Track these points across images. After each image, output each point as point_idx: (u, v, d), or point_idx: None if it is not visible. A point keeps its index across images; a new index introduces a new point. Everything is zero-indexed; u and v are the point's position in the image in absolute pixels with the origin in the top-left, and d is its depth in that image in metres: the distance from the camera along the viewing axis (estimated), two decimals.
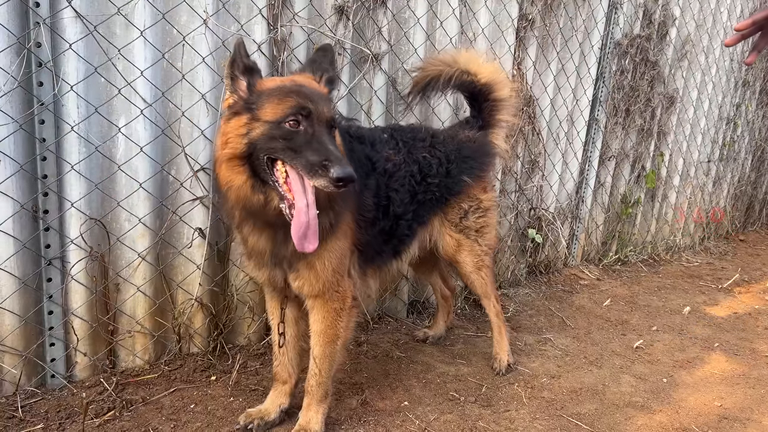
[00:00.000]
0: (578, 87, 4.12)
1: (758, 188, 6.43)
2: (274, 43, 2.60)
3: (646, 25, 4.40)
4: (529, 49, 3.69)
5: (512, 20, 3.50)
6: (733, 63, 5.39)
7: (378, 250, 2.39)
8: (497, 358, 2.90)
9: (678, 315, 3.86)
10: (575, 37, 3.93)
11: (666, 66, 4.67)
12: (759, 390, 2.90)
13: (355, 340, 3.07)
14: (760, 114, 5.99)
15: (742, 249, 5.83)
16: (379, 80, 3.01)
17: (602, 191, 4.54)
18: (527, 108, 3.78)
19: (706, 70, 5.08)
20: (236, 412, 2.35)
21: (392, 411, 2.48)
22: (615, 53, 4.24)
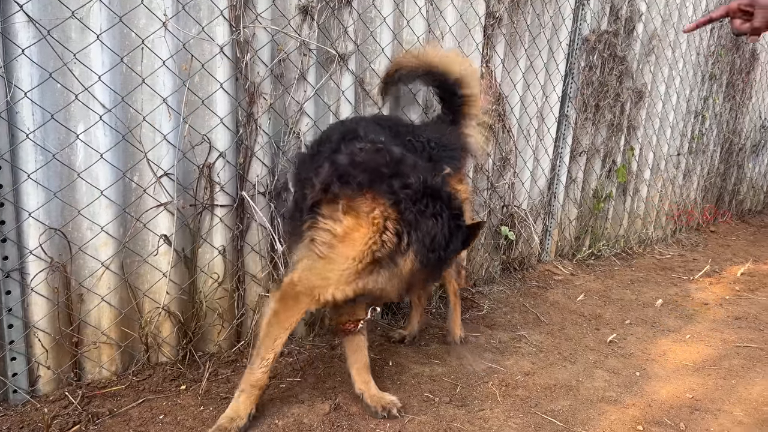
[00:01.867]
0: (547, 83, 4.14)
1: (727, 180, 6.53)
2: (237, 45, 2.56)
3: (613, 21, 4.43)
4: (497, 47, 3.69)
5: (479, 18, 3.50)
6: (699, 57, 5.46)
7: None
8: (452, 332, 3.13)
9: (651, 308, 3.89)
10: (543, 33, 3.94)
11: (634, 61, 4.71)
12: (730, 380, 2.94)
13: (328, 344, 3.05)
14: (727, 107, 6.08)
15: (713, 240, 5.91)
16: (347, 80, 2.98)
17: (574, 187, 4.57)
18: (497, 106, 3.78)
19: (673, 65, 5.13)
20: (207, 422, 2.31)
21: (366, 415, 2.45)
22: (583, 49, 4.27)
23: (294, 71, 2.78)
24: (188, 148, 2.53)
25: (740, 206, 6.97)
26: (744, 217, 6.97)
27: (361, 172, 2.06)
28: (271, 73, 2.69)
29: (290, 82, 2.78)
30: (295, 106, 2.82)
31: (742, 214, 6.96)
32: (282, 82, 2.75)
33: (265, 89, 2.69)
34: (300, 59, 2.78)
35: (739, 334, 3.52)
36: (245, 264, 2.82)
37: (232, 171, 2.67)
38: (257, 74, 2.64)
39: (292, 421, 2.37)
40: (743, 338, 3.46)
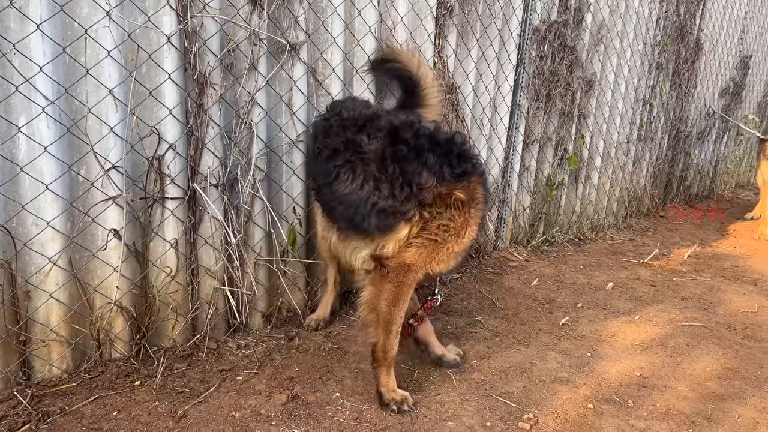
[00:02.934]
0: (499, 73, 4.20)
1: (675, 166, 6.74)
2: (185, 35, 2.52)
3: (562, 11, 4.52)
4: (449, 37, 3.73)
5: (431, 8, 3.52)
6: (646, 47, 5.61)
7: None
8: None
9: (602, 291, 4.01)
10: (494, 24, 4.00)
11: (583, 51, 4.81)
12: (675, 358, 3.05)
13: (286, 335, 3.04)
14: (674, 95, 6.27)
15: (662, 225, 6.11)
16: (299, 70, 2.97)
17: (527, 175, 4.65)
18: (450, 95, 3.82)
19: (621, 54, 5.26)
20: (162, 417, 2.30)
21: (324, 404, 2.47)
22: (534, 39, 4.34)
23: (244, 61, 2.75)
24: (137, 140, 2.48)
25: (688, 191, 7.21)
26: (691, 201, 7.21)
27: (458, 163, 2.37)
28: (220, 64, 2.66)
29: (241, 73, 2.75)
30: (247, 97, 2.79)
31: (689, 199, 7.20)
32: (232, 72, 2.72)
33: (215, 79, 2.65)
34: (250, 49, 2.75)
35: (685, 314, 3.66)
36: (199, 257, 2.79)
37: (183, 163, 2.63)
38: (207, 64, 2.61)
39: (249, 413, 2.37)
40: (689, 317, 3.60)
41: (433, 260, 2.39)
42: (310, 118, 3.07)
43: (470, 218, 2.39)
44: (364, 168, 2.35)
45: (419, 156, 2.33)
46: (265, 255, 3.02)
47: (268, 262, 3.03)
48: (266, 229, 2.98)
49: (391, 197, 2.31)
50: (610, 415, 2.49)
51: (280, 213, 3.04)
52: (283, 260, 3.06)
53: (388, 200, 2.31)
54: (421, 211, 2.33)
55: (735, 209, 7.09)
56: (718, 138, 7.65)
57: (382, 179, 2.32)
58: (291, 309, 3.17)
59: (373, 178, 2.33)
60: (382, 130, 2.42)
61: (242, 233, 2.87)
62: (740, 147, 8.35)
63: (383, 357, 2.45)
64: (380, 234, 2.36)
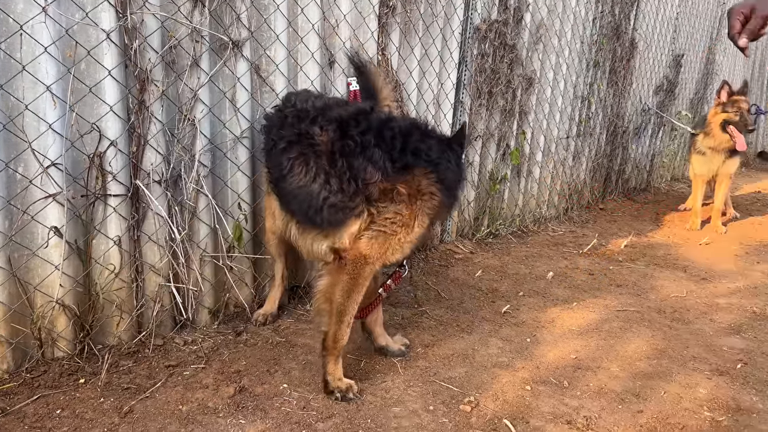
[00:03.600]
0: (442, 71, 4.31)
1: (613, 160, 7.02)
2: (124, 32, 2.51)
3: (502, 11, 4.66)
4: (392, 35, 3.81)
5: (373, 7, 3.59)
6: (583, 45, 5.83)
7: None
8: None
9: (542, 280, 4.17)
10: (436, 22, 4.10)
11: (523, 49, 4.98)
12: (609, 341, 3.22)
13: (233, 330, 3.07)
14: (611, 92, 6.53)
15: (602, 217, 6.36)
16: (242, 67, 2.99)
17: (471, 170, 4.78)
18: (394, 92, 3.90)
19: (560, 53, 5.46)
20: (108, 413, 2.30)
21: (271, 395, 2.52)
22: (475, 38, 4.47)
23: (186, 58, 2.76)
24: (77, 137, 2.47)
25: (626, 185, 7.51)
26: (629, 194, 7.51)
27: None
28: (162, 60, 2.67)
29: (183, 69, 2.76)
30: (189, 93, 2.80)
31: (627, 192, 7.50)
32: (174, 68, 2.73)
33: (157, 76, 2.66)
34: (192, 46, 2.77)
35: (619, 300, 3.85)
36: (143, 254, 2.79)
37: (125, 160, 2.62)
38: (148, 61, 2.61)
39: (196, 406, 2.39)
40: (623, 303, 3.79)
41: (387, 251, 2.47)
42: (254, 114, 3.11)
43: (417, 210, 2.45)
44: (316, 161, 2.42)
45: (365, 151, 2.39)
46: (211, 251, 3.04)
47: (214, 258, 3.05)
48: (211, 226, 3.00)
49: (340, 192, 2.38)
50: (546, 395, 2.62)
51: (226, 209, 3.06)
52: (229, 256, 3.08)
53: (337, 195, 2.39)
54: (369, 207, 2.40)
55: (670, 201, 7.43)
56: (654, 133, 7.99)
57: (332, 174, 2.39)
58: (238, 304, 3.20)
59: (324, 171, 2.40)
60: (332, 122, 2.47)
61: (187, 229, 2.89)
62: (675, 142, 8.73)
63: (333, 346, 2.51)
64: (333, 228, 2.44)
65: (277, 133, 2.60)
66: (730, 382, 2.82)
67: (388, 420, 2.38)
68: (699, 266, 4.73)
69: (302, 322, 3.25)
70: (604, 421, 2.45)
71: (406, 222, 2.44)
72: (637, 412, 2.53)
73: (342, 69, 3.49)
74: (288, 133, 2.53)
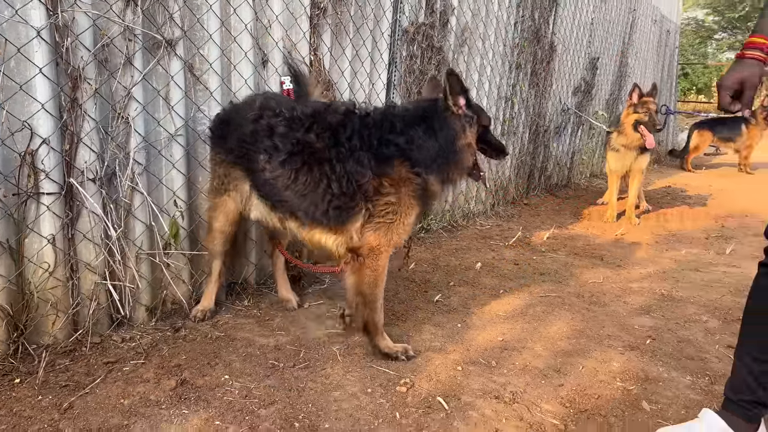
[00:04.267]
0: (373, 72, 4.45)
1: (536, 158, 7.38)
2: (56, 29, 2.51)
3: (429, 14, 4.86)
4: (324, 36, 3.91)
5: (305, 8, 3.69)
6: (506, 48, 6.12)
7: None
8: (287, 299, 3.51)
9: (472, 270, 4.38)
10: (366, 24, 4.23)
11: (449, 51, 5.19)
12: (533, 324, 3.44)
13: (171, 326, 3.09)
14: (533, 93, 6.87)
15: (526, 211, 6.68)
16: (176, 66, 3.03)
17: None
18: (327, 92, 4.01)
19: (484, 55, 5.72)
20: (47, 410, 2.30)
21: (213, 386, 2.57)
22: (404, 40, 4.64)
23: (119, 56, 2.77)
24: (7, 134, 2.45)
25: (548, 181, 7.90)
26: (552, 190, 7.91)
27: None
28: (95, 58, 2.67)
29: (116, 67, 2.77)
30: (123, 91, 2.82)
31: (550, 188, 7.89)
32: (107, 67, 2.74)
33: (90, 74, 2.66)
34: (125, 44, 2.78)
35: (542, 287, 4.10)
36: (78, 252, 2.78)
37: (58, 158, 2.61)
38: (80, 59, 2.61)
39: (138, 399, 2.42)
40: (545, 290, 4.05)
41: (392, 237, 2.79)
42: (188, 112, 3.14)
43: (406, 196, 2.73)
44: (318, 168, 2.71)
45: (353, 154, 2.68)
46: (147, 248, 3.05)
47: (150, 255, 3.07)
48: (147, 223, 3.01)
49: (342, 195, 2.70)
50: (476, 374, 2.80)
51: (161, 206, 3.08)
52: (166, 253, 3.11)
53: (340, 198, 2.71)
54: (366, 204, 2.71)
55: (589, 196, 7.87)
56: (574, 132, 8.45)
57: (333, 179, 2.70)
58: (176, 301, 3.22)
59: (327, 177, 2.70)
60: (326, 130, 2.74)
61: (123, 227, 2.89)
62: (593, 140, 9.24)
63: (375, 328, 2.89)
64: (339, 226, 2.76)
65: (271, 141, 2.76)
66: (640, 356, 3.09)
67: (329, 403, 2.49)
68: (614, 255, 5.08)
69: (241, 317, 3.31)
70: (528, 395, 2.64)
71: (399, 209, 2.73)
72: (558, 385, 2.74)
73: (275, 68, 3.56)
74: (284, 142, 2.74)
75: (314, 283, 3.94)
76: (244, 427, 2.29)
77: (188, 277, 3.29)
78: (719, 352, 3.16)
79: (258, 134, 2.79)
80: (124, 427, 2.25)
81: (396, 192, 2.70)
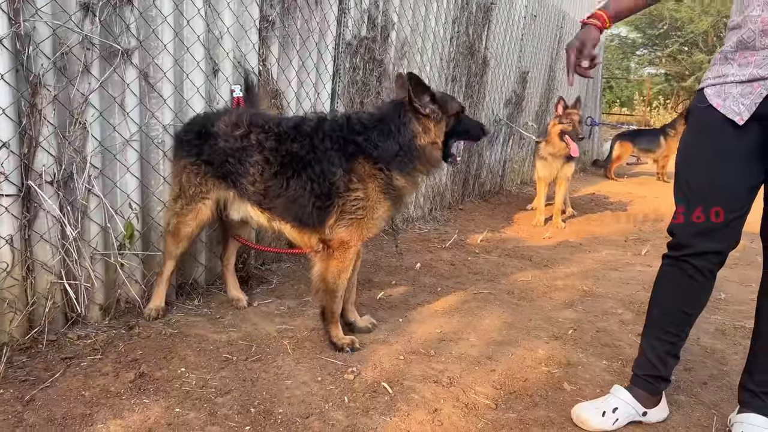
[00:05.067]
0: (318, 82, 4.66)
1: (470, 166, 7.75)
2: (17, 38, 2.61)
3: (371, 28, 5.12)
4: (272, 47, 4.11)
5: (254, 21, 3.87)
6: (443, 62, 6.46)
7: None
8: (236, 298, 3.69)
9: (412, 270, 4.65)
10: (312, 37, 4.45)
11: (390, 64, 5.47)
12: (468, 318, 3.74)
13: (125, 324, 3.21)
14: (467, 104, 7.25)
15: (462, 216, 7.04)
16: (131, 74, 3.15)
17: None
18: (275, 100, 4.20)
19: (422, 68, 6.03)
20: (9, 403, 2.39)
21: (170, 378, 2.72)
22: (347, 52, 4.88)
23: (78, 64, 2.89)
24: None
25: (482, 188, 8.30)
26: (485, 197, 8.32)
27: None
28: (54, 66, 2.78)
29: (74, 75, 2.88)
30: (80, 98, 2.93)
31: (483, 195, 8.29)
32: (66, 74, 2.85)
33: (49, 81, 2.77)
34: (83, 53, 2.90)
35: (476, 285, 4.42)
36: (34, 252, 2.86)
37: (17, 161, 2.70)
38: (40, 66, 2.72)
39: (98, 391, 2.55)
40: (479, 287, 4.36)
41: (362, 232, 3.01)
42: (143, 118, 3.27)
43: (373, 191, 2.95)
44: (303, 174, 2.95)
45: (326, 153, 2.93)
46: (102, 249, 3.16)
47: (104, 256, 3.17)
48: (103, 224, 3.13)
49: (321, 195, 2.94)
50: (416, 362, 3.05)
51: (116, 209, 3.20)
52: (120, 254, 3.22)
53: (320, 198, 2.94)
54: (338, 200, 2.93)
55: (520, 202, 8.32)
56: (506, 141, 8.90)
57: (314, 180, 2.92)
58: (129, 300, 3.33)
59: (310, 180, 2.93)
60: (305, 137, 2.98)
61: (79, 228, 3.00)
62: (523, 149, 9.75)
63: (331, 316, 3.15)
64: (320, 225, 2.99)
65: (261, 156, 3.02)
66: (562, 344, 3.43)
67: (281, 391, 2.69)
68: (542, 256, 5.48)
69: (192, 316, 3.45)
70: (464, 379, 2.92)
71: (367, 204, 2.95)
72: (491, 371, 3.03)
73: (226, 77, 3.73)
74: (275, 156, 3.00)
75: (262, 284, 4.11)
76: (203, 413, 2.46)
77: (141, 277, 3.40)
78: (631, 339, 3.55)
79: (248, 150, 3.04)
80: (88, 416, 2.37)
81: (364, 188, 2.92)
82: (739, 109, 2.20)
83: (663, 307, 2.53)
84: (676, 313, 2.48)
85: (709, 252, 2.35)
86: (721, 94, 2.27)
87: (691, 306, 2.47)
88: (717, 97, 2.28)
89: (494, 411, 2.65)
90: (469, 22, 6.85)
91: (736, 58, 2.24)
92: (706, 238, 2.33)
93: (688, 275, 2.40)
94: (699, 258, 2.36)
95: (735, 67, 2.24)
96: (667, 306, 2.51)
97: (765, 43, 2.13)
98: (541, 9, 9.24)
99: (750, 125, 2.20)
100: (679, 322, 2.49)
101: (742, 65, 2.21)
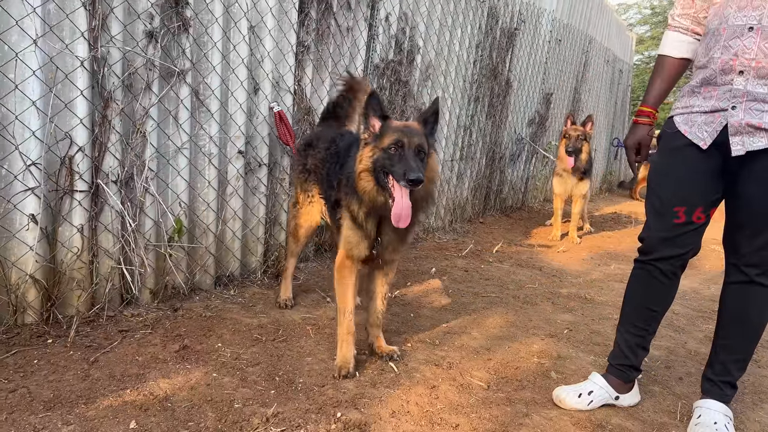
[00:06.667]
0: None
1: (492, 182, 8.15)
2: (95, 60, 3.15)
3: (397, 52, 5.60)
4: (307, 69, 4.60)
5: (292, 46, 4.38)
6: (465, 83, 6.90)
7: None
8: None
9: (427, 274, 5.07)
10: (343, 60, 4.94)
11: (415, 85, 5.93)
12: (473, 316, 4.13)
13: (171, 307, 3.69)
14: (489, 123, 7.66)
15: (481, 229, 7.42)
16: (184, 91, 3.67)
17: None
18: (307, 117, 4.70)
19: (445, 89, 6.48)
20: (78, 362, 2.88)
21: (209, 351, 3.18)
22: (375, 74, 5.36)
23: (141, 82, 3.42)
24: (53, 142, 3.06)
25: (503, 203, 8.68)
26: (506, 212, 8.68)
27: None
28: (122, 84, 3.31)
29: (138, 91, 3.41)
30: (142, 111, 3.45)
31: (504, 210, 8.66)
32: (131, 91, 3.38)
33: (118, 96, 3.30)
34: (146, 73, 3.43)
35: (486, 289, 4.81)
36: (99, 240, 3.38)
37: (89, 162, 3.23)
38: (111, 84, 3.25)
39: (149, 357, 3.02)
40: (488, 291, 4.75)
41: (344, 246, 3.15)
42: (193, 129, 3.79)
43: (346, 211, 3.09)
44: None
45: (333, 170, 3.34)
46: (155, 241, 3.66)
47: (156, 246, 3.68)
48: (156, 219, 3.63)
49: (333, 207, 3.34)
50: (422, 349, 3.46)
51: (167, 206, 3.70)
52: (169, 245, 3.72)
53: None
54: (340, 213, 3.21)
55: (540, 218, 8.66)
56: (528, 159, 9.27)
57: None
58: (175, 286, 3.83)
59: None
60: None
61: (137, 221, 3.51)
62: (547, 167, 10.08)
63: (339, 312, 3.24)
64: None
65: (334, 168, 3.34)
66: (557, 341, 3.80)
67: (302, 365, 3.13)
68: (553, 267, 5.83)
69: (228, 303, 3.92)
70: (462, 365, 3.32)
71: (344, 222, 3.09)
72: (487, 359, 3.42)
73: (265, 95, 4.23)
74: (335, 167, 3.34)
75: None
76: (236, 379, 2.91)
77: (185, 266, 3.90)
78: None
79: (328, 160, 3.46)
80: (141, 375, 2.85)
81: (344, 207, 3.08)
82: (703, 135, 2.58)
83: (633, 304, 2.90)
84: (644, 310, 2.85)
85: (673, 256, 2.72)
86: (688, 122, 2.65)
87: (657, 304, 2.83)
88: (684, 124, 2.66)
89: (486, 391, 3.04)
90: (493, 46, 7.29)
91: (701, 92, 2.61)
92: (669, 244, 2.70)
93: (653, 276, 2.77)
94: (663, 262, 2.73)
95: (700, 99, 2.61)
96: (636, 303, 2.88)
97: (724, 80, 2.50)
98: (567, 33, 9.62)
99: (711, 150, 2.57)
100: (646, 317, 2.86)
101: (706, 98, 2.59)
